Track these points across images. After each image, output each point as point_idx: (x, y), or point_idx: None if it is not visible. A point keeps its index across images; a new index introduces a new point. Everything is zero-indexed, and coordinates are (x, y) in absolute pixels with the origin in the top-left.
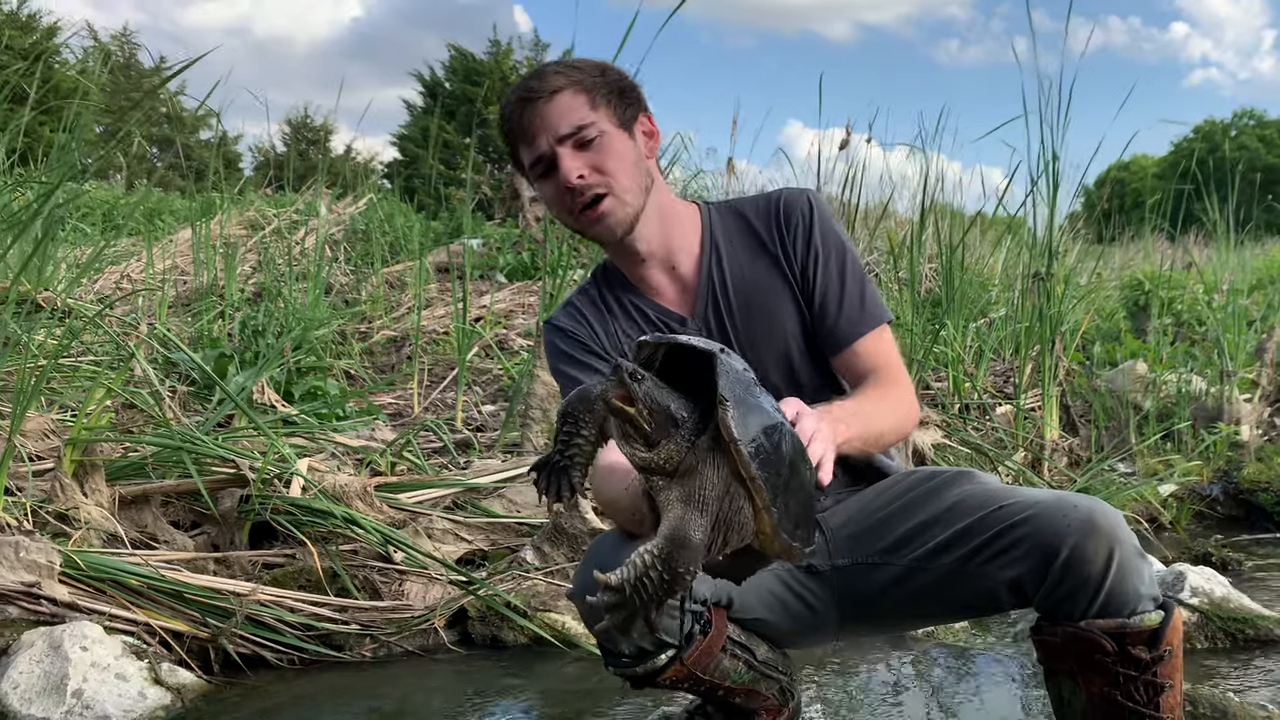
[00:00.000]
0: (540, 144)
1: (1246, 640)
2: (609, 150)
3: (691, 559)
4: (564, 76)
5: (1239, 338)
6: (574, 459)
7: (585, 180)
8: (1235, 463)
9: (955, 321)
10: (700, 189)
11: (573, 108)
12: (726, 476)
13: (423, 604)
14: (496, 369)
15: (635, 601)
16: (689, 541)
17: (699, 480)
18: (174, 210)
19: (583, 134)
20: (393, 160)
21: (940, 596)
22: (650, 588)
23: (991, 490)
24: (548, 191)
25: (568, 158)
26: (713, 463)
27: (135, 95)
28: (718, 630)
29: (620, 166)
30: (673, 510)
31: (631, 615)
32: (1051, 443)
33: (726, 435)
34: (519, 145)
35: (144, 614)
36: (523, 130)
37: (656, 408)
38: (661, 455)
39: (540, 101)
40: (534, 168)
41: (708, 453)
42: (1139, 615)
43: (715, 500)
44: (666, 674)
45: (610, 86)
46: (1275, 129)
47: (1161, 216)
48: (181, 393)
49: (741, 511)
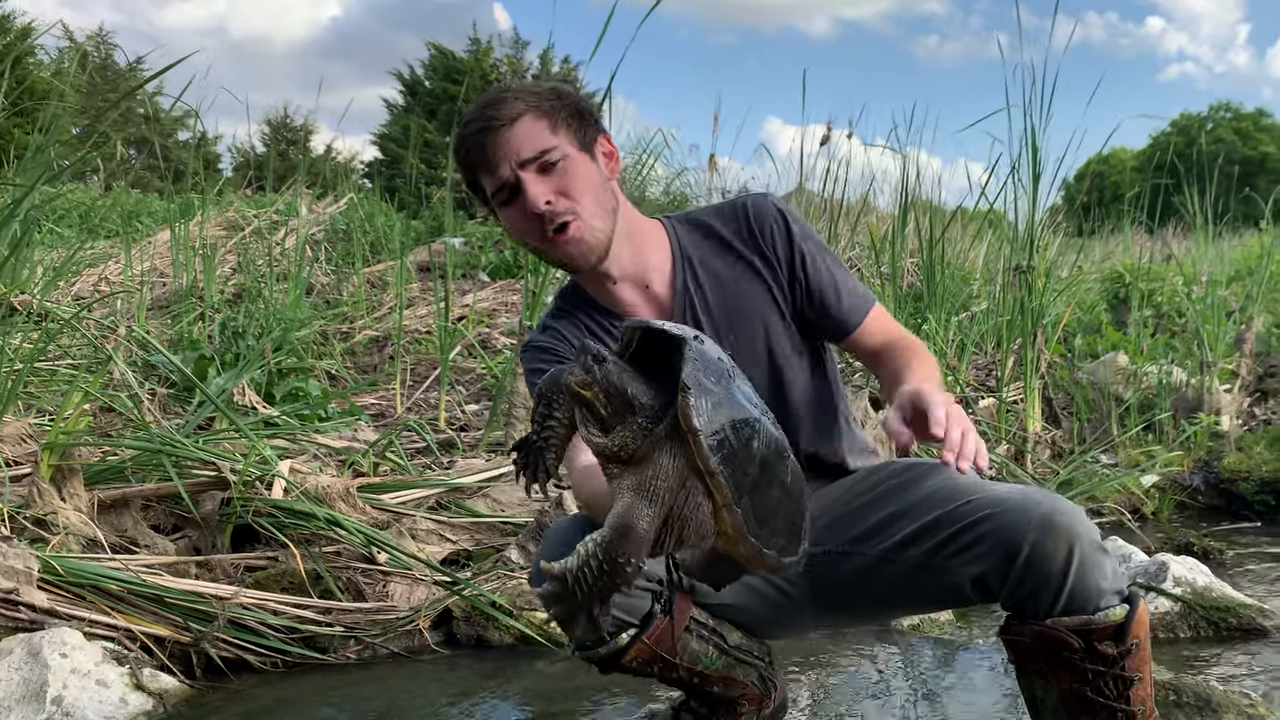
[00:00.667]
0: (503, 171)
1: (1229, 629)
2: (573, 174)
3: (633, 550)
4: (522, 102)
5: (1218, 329)
6: (549, 441)
7: (552, 206)
8: (1216, 453)
9: (937, 315)
10: (683, 186)
11: (534, 132)
12: (683, 468)
13: (407, 605)
14: (480, 368)
15: (577, 593)
16: (632, 531)
17: (652, 470)
18: (152, 212)
19: (546, 158)
20: (373, 159)
21: (909, 589)
22: (590, 578)
23: (961, 485)
24: (513, 219)
25: (533, 183)
26: (669, 452)
27: (112, 96)
28: (680, 610)
29: (585, 190)
30: (622, 499)
31: (575, 607)
32: (1034, 435)
33: (685, 424)
34: (479, 174)
35: (124, 619)
36: (483, 158)
37: (614, 391)
38: (616, 441)
39: (501, 128)
40: (497, 195)
41: (665, 441)
42: (1103, 611)
43: (668, 492)
44: (630, 654)
45: (569, 109)
46: (1251, 122)
47: (1140, 209)
48: (161, 395)
49: (700, 509)
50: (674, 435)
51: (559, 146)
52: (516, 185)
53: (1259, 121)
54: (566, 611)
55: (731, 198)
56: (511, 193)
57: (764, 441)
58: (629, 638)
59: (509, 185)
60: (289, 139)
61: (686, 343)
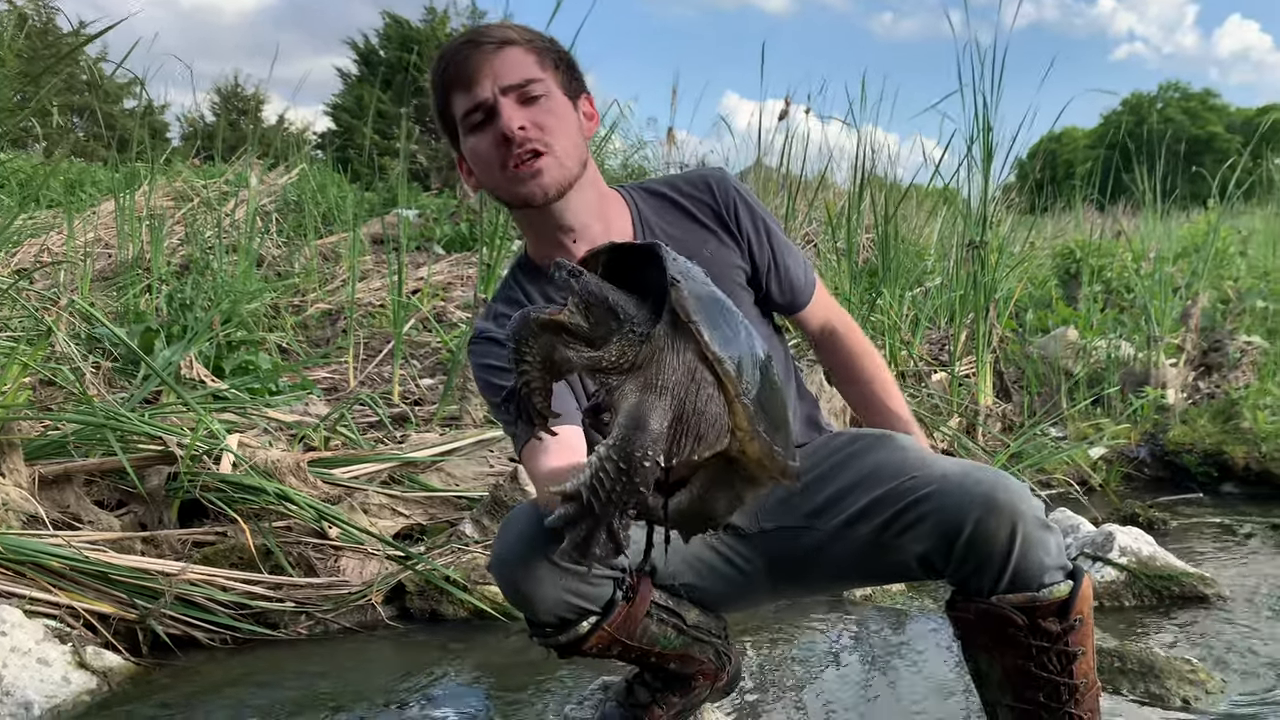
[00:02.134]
0: (483, 90)
1: (1172, 597)
2: (552, 111)
3: (650, 443)
4: (515, 32)
5: (1165, 304)
6: (529, 385)
7: (526, 133)
8: (1161, 426)
9: (892, 290)
10: (641, 159)
11: (522, 62)
12: (691, 361)
13: (359, 580)
14: (434, 341)
15: (594, 505)
16: (646, 423)
17: (657, 366)
18: (96, 181)
19: (529, 88)
20: (326, 130)
21: (861, 564)
22: (608, 483)
23: (908, 458)
24: (480, 144)
25: (509, 107)
26: (673, 348)
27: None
28: (642, 596)
29: (562, 129)
30: (628, 400)
31: (593, 526)
32: (986, 409)
33: (684, 314)
34: (454, 91)
35: (67, 596)
36: (463, 75)
37: (595, 302)
38: (614, 350)
39: (489, 48)
40: (468, 116)
41: (667, 338)
42: (1048, 588)
43: (677, 385)
44: (590, 641)
45: (560, 56)
46: (1199, 101)
47: (1091, 187)
48: (105, 369)
49: (711, 402)
50: (674, 332)
51: (544, 81)
52: (493, 109)
53: (1206, 101)
54: (585, 535)
55: (686, 171)
56: (486, 115)
57: (750, 336)
58: (590, 625)
59: (485, 106)
60: (239, 109)
61: (660, 247)
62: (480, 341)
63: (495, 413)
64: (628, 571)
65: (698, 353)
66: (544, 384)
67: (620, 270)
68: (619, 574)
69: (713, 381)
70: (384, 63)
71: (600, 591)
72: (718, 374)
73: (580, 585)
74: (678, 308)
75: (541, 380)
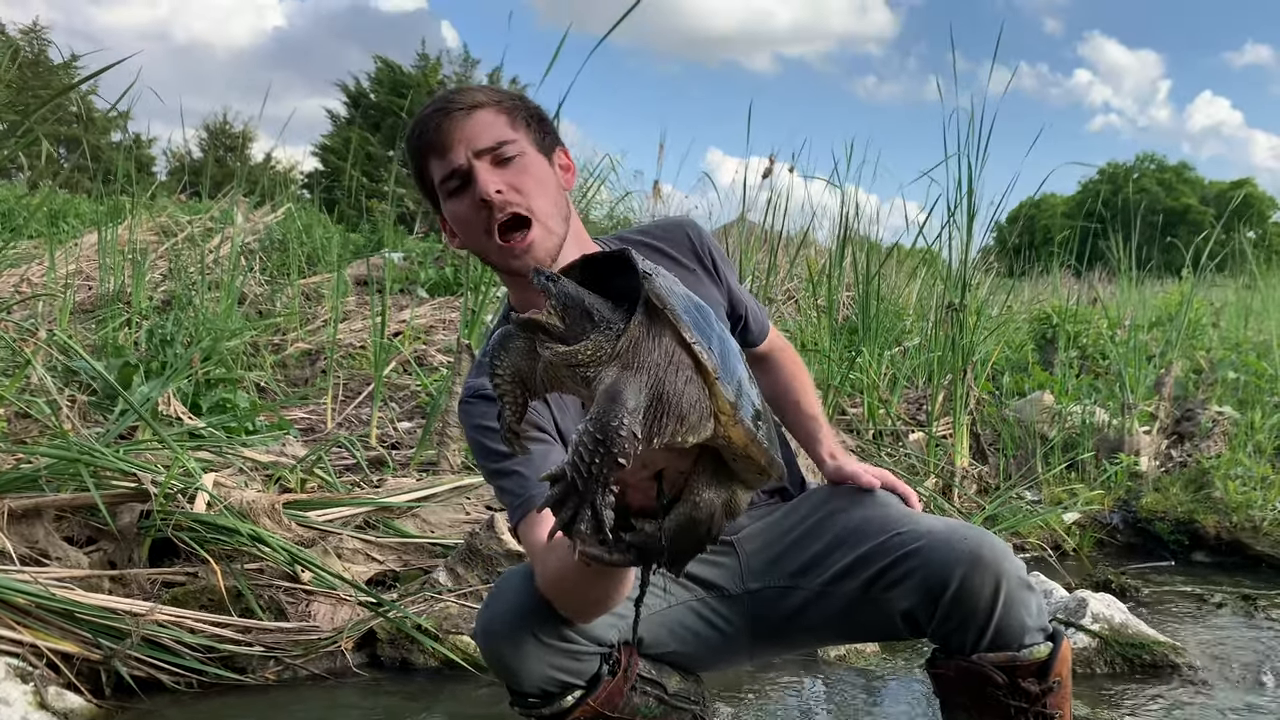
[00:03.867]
0: (456, 156)
1: (1144, 665)
2: (528, 171)
3: (626, 414)
4: (483, 94)
5: (1140, 372)
6: (502, 399)
7: (504, 195)
8: (1134, 492)
9: (871, 349)
10: (627, 210)
11: (493, 123)
12: (668, 345)
13: (330, 625)
14: (414, 385)
15: (577, 482)
16: (621, 396)
17: (633, 352)
18: (80, 213)
19: (503, 150)
20: (313, 170)
21: (845, 622)
22: (587, 457)
23: (891, 515)
24: (460, 210)
25: (485, 171)
26: (649, 335)
27: (44, 93)
28: (626, 671)
29: (540, 189)
30: (604, 381)
31: (578, 504)
32: (962, 470)
33: (657, 301)
34: (429, 158)
35: (31, 634)
36: (436, 142)
37: (571, 304)
38: (589, 346)
39: (459, 113)
40: (445, 183)
41: (642, 328)
42: (1028, 648)
43: (654, 366)
44: (574, 715)
45: (530, 112)
46: (1174, 173)
47: (1069, 253)
48: (81, 403)
49: (690, 384)
50: (649, 322)
51: (517, 141)
52: (468, 174)
53: (1181, 174)
54: (570, 515)
55: (657, 220)
56: (462, 181)
57: (725, 332)
58: (574, 700)
59: (460, 172)
60: (227, 145)
61: (630, 251)
62: (473, 400)
63: (492, 479)
64: (615, 646)
65: (675, 337)
66: (515, 398)
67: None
68: (606, 649)
69: (690, 365)
70: (373, 106)
71: (586, 666)
72: (695, 356)
73: (566, 661)
74: (652, 296)
75: (513, 394)
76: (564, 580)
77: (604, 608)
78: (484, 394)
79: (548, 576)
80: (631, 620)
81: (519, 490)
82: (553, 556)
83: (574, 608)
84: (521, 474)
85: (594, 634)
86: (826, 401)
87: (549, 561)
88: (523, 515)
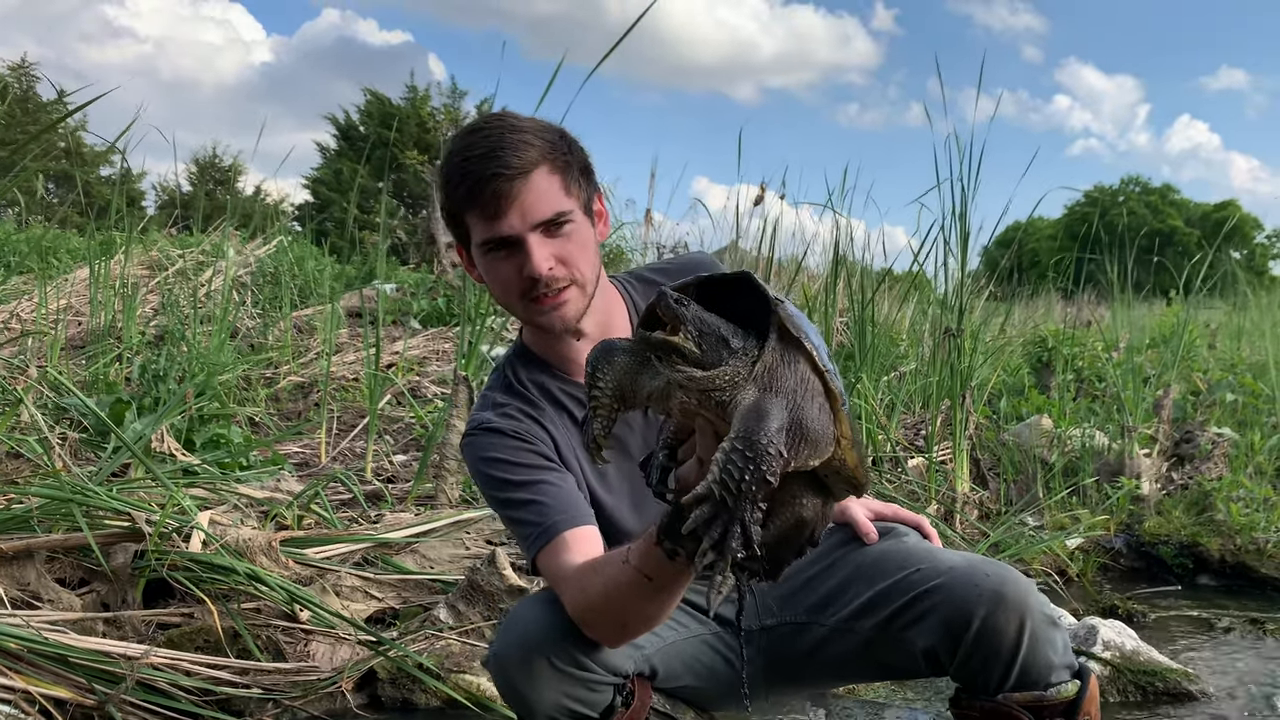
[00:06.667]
0: (510, 224)
1: (1157, 693)
2: (575, 239)
3: (775, 433)
4: (535, 149)
5: (1137, 394)
6: (596, 411)
7: (554, 272)
8: (1137, 516)
9: (869, 375)
10: (619, 239)
11: (550, 192)
12: (803, 372)
13: (330, 665)
14: (409, 417)
15: (726, 500)
16: (767, 414)
17: (770, 377)
18: (71, 248)
19: (557, 219)
20: (304, 203)
21: (866, 660)
22: (736, 474)
23: (910, 549)
24: (502, 272)
25: (538, 245)
26: (784, 361)
27: (33, 129)
28: (641, 702)
29: (584, 256)
30: (746, 400)
31: (728, 522)
32: (962, 495)
33: (794, 330)
34: (472, 214)
35: (23, 680)
36: (488, 206)
37: (707, 329)
38: (729, 370)
39: (516, 180)
40: (487, 243)
41: (777, 354)
42: (1055, 687)
43: (791, 392)
44: None
45: (580, 166)
46: (1159, 196)
47: (1064, 277)
48: (73, 440)
49: (823, 411)
50: (783, 348)
51: (572, 210)
52: (518, 242)
53: (1167, 196)
54: (721, 532)
55: (672, 256)
56: (507, 246)
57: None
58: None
59: (509, 240)
60: (217, 179)
61: (752, 275)
62: (479, 433)
63: (505, 510)
64: (629, 678)
65: (809, 364)
66: (610, 410)
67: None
68: (620, 680)
69: (822, 392)
70: (363, 138)
71: (599, 697)
72: (827, 384)
73: (580, 690)
74: (788, 325)
75: (609, 407)
76: (611, 601)
77: (648, 626)
78: (489, 426)
79: (589, 599)
80: (645, 651)
81: (539, 519)
82: (597, 578)
83: (614, 630)
84: (539, 503)
85: (611, 663)
86: None
87: (590, 584)
88: (545, 544)
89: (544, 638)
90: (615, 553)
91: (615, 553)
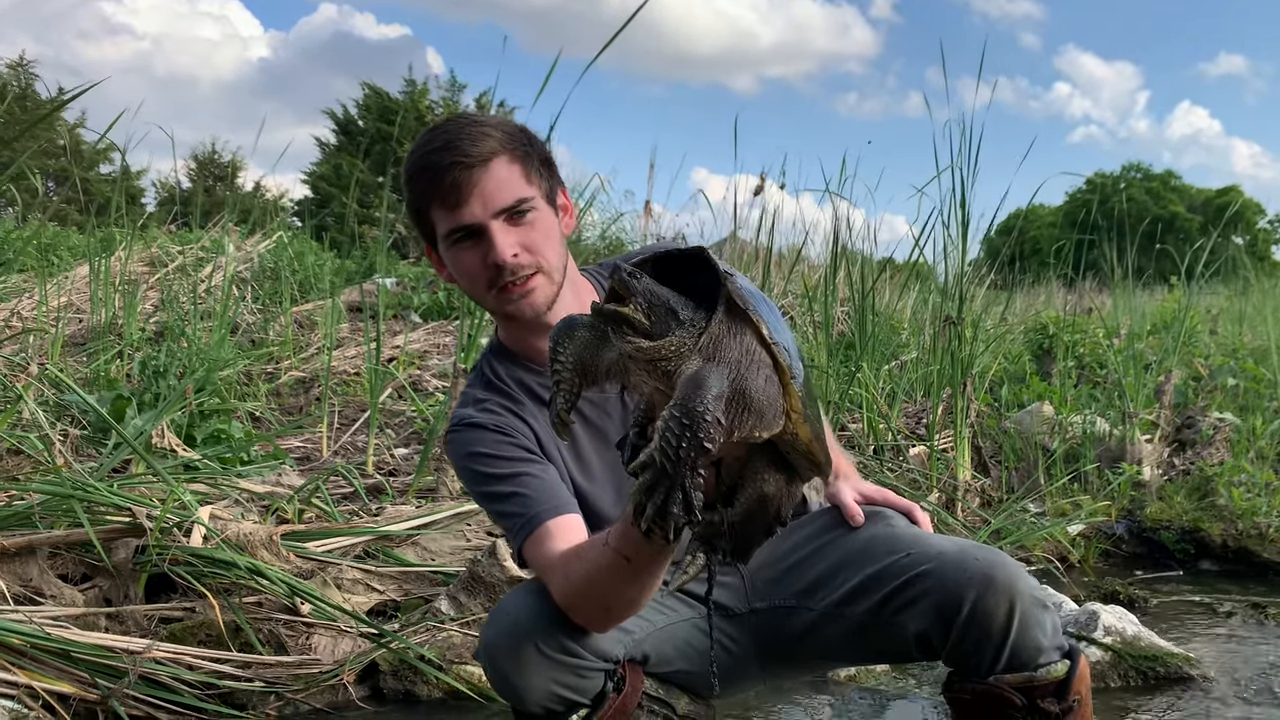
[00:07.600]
0: (470, 213)
1: (1158, 678)
2: (539, 227)
3: (711, 400)
4: (494, 140)
5: (1138, 380)
6: (558, 385)
7: (518, 259)
8: (1138, 502)
9: (870, 364)
10: (619, 231)
11: (510, 179)
12: (749, 344)
13: (331, 658)
14: (410, 411)
15: (666, 466)
16: (705, 383)
17: (715, 347)
18: (71, 246)
19: (518, 207)
20: (304, 198)
21: (858, 644)
22: (674, 440)
23: (898, 534)
24: (466, 262)
25: (501, 233)
26: (730, 333)
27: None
28: (632, 687)
29: (548, 244)
30: (688, 371)
31: (669, 488)
32: (964, 483)
33: (740, 302)
34: (435, 206)
35: (26, 675)
36: (449, 196)
37: (656, 301)
38: (675, 341)
39: (475, 168)
40: (451, 234)
41: (724, 325)
42: (1045, 667)
43: (736, 363)
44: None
45: (540, 156)
46: (1160, 182)
47: (1065, 264)
48: (74, 437)
49: (769, 383)
50: (730, 320)
51: (533, 198)
52: (481, 230)
53: (1168, 182)
54: (662, 500)
55: (651, 245)
56: (471, 236)
57: (790, 330)
58: (579, 718)
59: (472, 229)
60: (216, 175)
61: (707, 251)
62: (462, 429)
63: (489, 503)
64: (620, 663)
65: (756, 337)
66: (572, 385)
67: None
68: (610, 665)
69: (769, 364)
70: (362, 132)
71: (590, 684)
72: (774, 356)
73: (570, 677)
74: (735, 297)
75: (571, 381)
76: (594, 584)
77: (631, 610)
78: (470, 422)
79: (573, 584)
80: (635, 636)
81: (522, 510)
82: (580, 563)
83: (598, 614)
84: (522, 494)
85: (600, 648)
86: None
87: (574, 569)
88: (529, 534)
89: (532, 626)
90: (597, 537)
91: (597, 537)
